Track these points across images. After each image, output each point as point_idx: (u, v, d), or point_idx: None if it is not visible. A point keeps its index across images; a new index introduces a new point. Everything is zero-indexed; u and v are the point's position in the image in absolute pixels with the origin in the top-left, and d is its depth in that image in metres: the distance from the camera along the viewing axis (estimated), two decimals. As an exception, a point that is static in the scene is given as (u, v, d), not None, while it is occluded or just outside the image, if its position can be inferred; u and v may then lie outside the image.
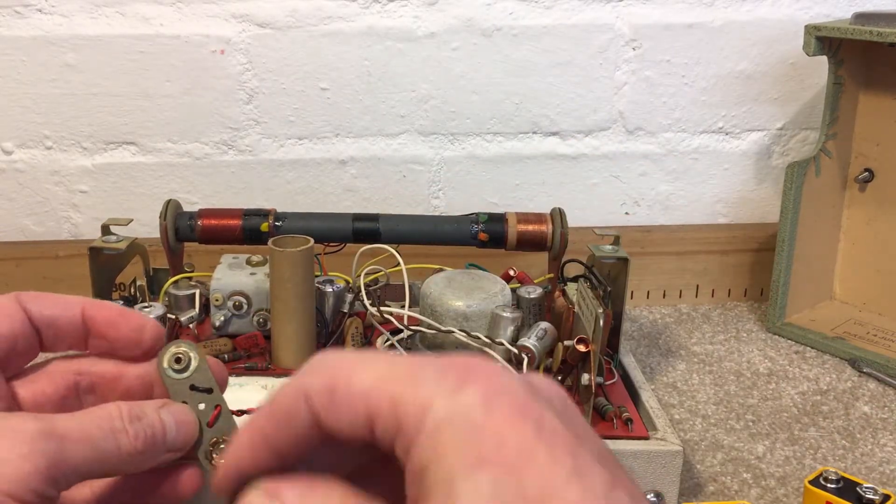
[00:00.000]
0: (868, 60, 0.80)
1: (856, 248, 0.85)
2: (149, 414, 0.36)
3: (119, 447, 0.35)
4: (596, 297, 0.58)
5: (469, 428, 0.25)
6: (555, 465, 0.25)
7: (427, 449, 0.26)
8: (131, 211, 0.84)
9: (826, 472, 0.51)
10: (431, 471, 0.25)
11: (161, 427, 0.36)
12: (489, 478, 0.24)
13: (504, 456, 0.25)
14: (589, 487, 0.25)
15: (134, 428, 0.35)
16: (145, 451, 0.36)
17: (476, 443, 0.25)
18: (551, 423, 0.26)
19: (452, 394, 0.26)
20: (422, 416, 0.26)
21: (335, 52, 0.83)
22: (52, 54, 0.80)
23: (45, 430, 0.32)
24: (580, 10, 0.84)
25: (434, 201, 0.89)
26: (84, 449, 0.33)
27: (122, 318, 0.39)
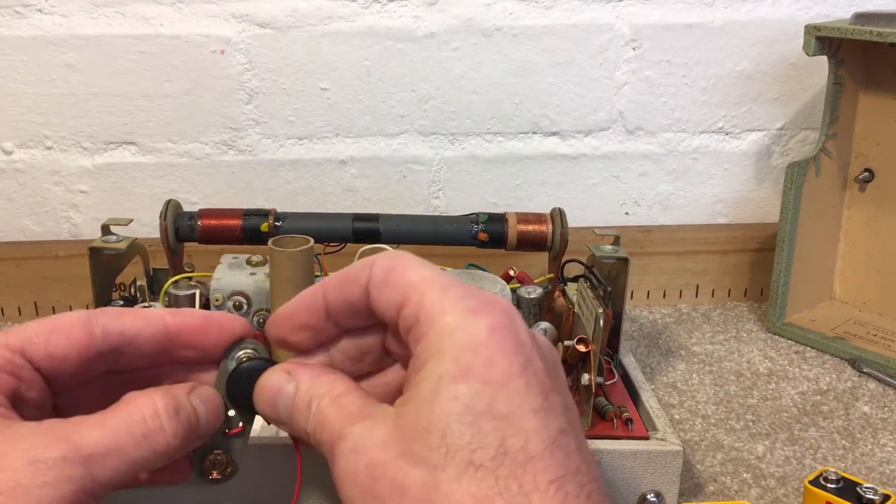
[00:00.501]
0: (868, 60, 0.80)
1: (856, 248, 0.85)
2: (184, 404, 0.35)
3: (154, 451, 0.33)
4: (596, 297, 0.58)
5: (469, 343, 0.30)
6: (527, 396, 0.30)
7: (431, 347, 0.31)
8: (131, 211, 0.84)
9: (826, 472, 0.51)
10: (428, 368, 0.30)
11: (195, 416, 0.35)
12: (470, 389, 0.29)
13: (488, 374, 0.30)
14: (546, 425, 0.30)
15: (173, 425, 0.34)
16: (181, 447, 0.34)
17: (470, 357, 0.30)
18: (536, 366, 0.31)
19: (468, 313, 0.31)
20: (436, 318, 0.31)
21: (335, 52, 0.83)
22: (52, 54, 0.80)
23: (70, 455, 0.31)
24: (580, 10, 0.84)
25: (434, 201, 0.89)
26: (114, 463, 0.32)
27: (208, 323, 0.37)
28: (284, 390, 0.35)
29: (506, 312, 0.32)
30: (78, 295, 0.83)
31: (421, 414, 0.30)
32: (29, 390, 0.34)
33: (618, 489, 0.53)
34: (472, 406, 0.29)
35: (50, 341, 0.34)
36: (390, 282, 0.33)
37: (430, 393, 0.30)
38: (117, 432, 0.32)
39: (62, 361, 0.35)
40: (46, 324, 0.35)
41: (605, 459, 0.53)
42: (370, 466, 0.30)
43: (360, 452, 0.31)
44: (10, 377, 0.33)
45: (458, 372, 0.30)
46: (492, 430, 0.29)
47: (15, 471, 0.29)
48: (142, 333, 0.36)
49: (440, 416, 0.29)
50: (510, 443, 0.29)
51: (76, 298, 0.83)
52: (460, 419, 0.29)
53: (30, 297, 0.84)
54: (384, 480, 0.30)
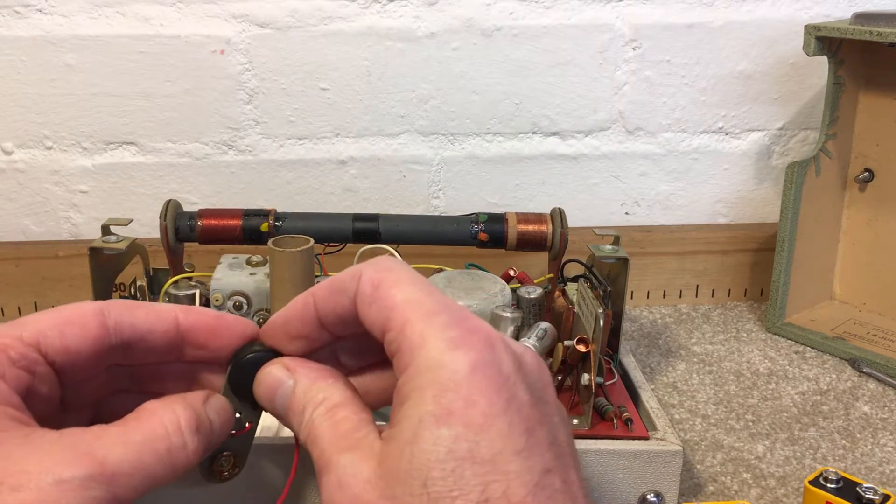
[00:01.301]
0: (868, 60, 0.80)
1: (856, 248, 0.85)
2: (204, 420, 0.34)
3: (175, 467, 0.32)
4: (596, 297, 0.58)
5: (450, 381, 0.30)
6: (510, 437, 0.29)
7: (412, 381, 0.30)
8: (131, 211, 0.84)
9: (826, 472, 0.51)
10: (409, 405, 0.30)
11: (211, 429, 0.34)
12: (451, 433, 0.29)
13: (470, 416, 0.29)
14: (530, 467, 0.29)
15: (194, 442, 0.33)
16: (197, 462, 0.34)
17: (451, 397, 0.29)
18: (521, 400, 0.31)
19: (449, 346, 0.30)
20: (417, 351, 0.31)
21: (335, 52, 0.83)
22: (52, 54, 0.80)
23: (95, 473, 0.29)
24: (580, 10, 0.84)
25: (434, 201, 0.89)
26: (136, 481, 0.31)
27: (220, 323, 0.37)
28: (283, 386, 0.35)
29: (488, 343, 0.31)
30: (78, 295, 0.83)
31: (402, 457, 0.29)
32: (42, 386, 0.33)
33: (618, 489, 0.53)
34: (454, 451, 0.29)
35: (65, 334, 0.33)
36: (376, 300, 0.32)
37: (412, 434, 0.30)
38: (141, 448, 0.31)
39: (76, 355, 0.34)
40: (60, 315, 0.34)
41: (605, 459, 0.53)
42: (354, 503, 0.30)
43: (345, 489, 0.31)
44: (25, 373, 0.32)
45: (440, 413, 0.29)
46: (473, 475, 0.29)
47: (40, 492, 0.28)
48: (154, 329, 0.36)
49: (421, 462, 0.29)
50: (492, 488, 0.29)
51: (76, 298, 0.83)
52: (442, 466, 0.29)
53: (30, 297, 0.84)
54: None
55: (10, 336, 0.33)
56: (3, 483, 0.28)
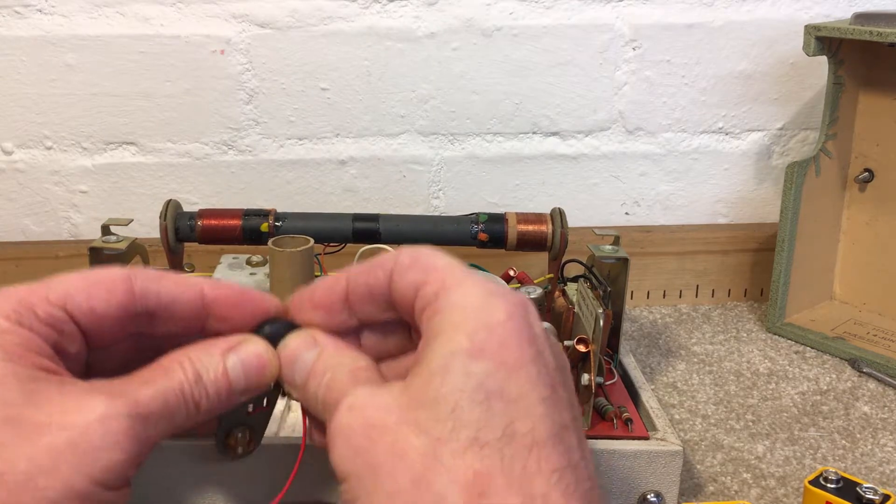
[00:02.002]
0: (868, 60, 0.80)
1: (856, 248, 0.85)
2: (210, 370, 0.34)
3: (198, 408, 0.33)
4: (596, 297, 0.58)
5: (486, 322, 0.31)
6: (537, 384, 0.30)
7: (446, 320, 0.31)
8: (131, 211, 0.84)
9: (826, 472, 0.51)
10: (441, 341, 0.31)
11: (225, 380, 0.34)
12: (483, 368, 0.30)
13: (502, 356, 0.30)
14: (552, 416, 0.30)
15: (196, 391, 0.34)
16: (212, 409, 0.34)
17: (485, 335, 0.30)
18: (547, 359, 0.31)
19: (488, 294, 0.32)
20: (455, 293, 0.32)
21: (335, 52, 0.83)
22: (52, 54, 0.80)
23: (132, 412, 0.31)
24: (580, 10, 0.84)
25: (434, 201, 0.89)
26: (164, 424, 0.32)
27: (244, 298, 0.37)
28: (306, 354, 0.35)
29: (523, 303, 0.32)
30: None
31: (430, 385, 0.30)
32: (69, 345, 0.34)
33: (618, 489, 0.53)
34: (485, 385, 0.29)
35: (92, 296, 0.34)
36: (414, 265, 0.34)
37: (442, 366, 0.30)
38: (165, 393, 0.32)
39: (102, 318, 0.34)
40: (88, 277, 0.34)
41: (605, 459, 0.53)
42: (368, 427, 0.30)
43: (359, 410, 0.31)
44: (51, 330, 0.33)
45: (473, 349, 0.30)
46: (501, 411, 0.29)
47: (87, 427, 0.29)
48: (179, 299, 0.36)
49: (451, 390, 0.29)
50: (518, 426, 0.29)
51: (76, 298, 0.83)
52: (472, 396, 0.29)
53: (30, 297, 0.84)
54: (382, 444, 0.30)
55: (37, 295, 0.33)
56: (51, 423, 0.29)
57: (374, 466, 0.29)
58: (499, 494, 0.28)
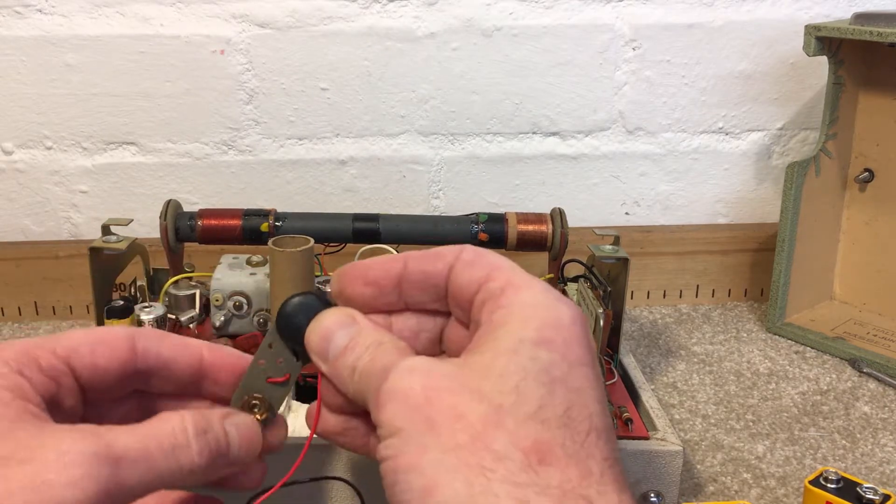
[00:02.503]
0: (868, 60, 0.80)
1: (856, 248, 0.85)
2: (214, 426, 0.34)
3: (180, 465, 0.33)
4: (596, 297, 0.58)
5: (553, 321, 0.32)
6: (594, 386, 0.32)
7: (514, 313, 0.32)
8: (131, 211, 0.84)
9: (826, 472, 0.51)
10: (508, 328, 0.32)
11: (225, 441, 0.35)
12: (550, 357, 0.31)
13: (566, 352, 0.32)
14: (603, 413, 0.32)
15: (199, 443, 0.33)
16: (208, 467, 0.34)
17: (552, 332, 0.32)
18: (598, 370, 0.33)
19: (555, 299, 0.33)
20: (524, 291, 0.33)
21: (335, 52, 0.83)
22: (52, 54, 0.80)
23: (101, 452, 0.30)
24: (580, 10, 0.84)
25: (434, 201, 0.89)
26: (141, 470, 0.31)
27: (242, 364, 0.38)
28: (341, 331, 0.35)
29: (584, 316, 0.34)
30: (78, 295, 0.83)
31: (497, 361, 0.31)
32: (66, 398, 0.34)
33: (618, 489, 0.53)
34: (549, 370, 0.31)
35: (96, 352, 0.35)
36: (479, 261, 0.35)
37: (510, 347, 0.31)
38: (147, 439, 0.32)
39: (103, 374, 0.35)
40: (93, 335, 0.35)
41: (605, 459, 0.53)
42: (427, 388, 0.31)
43: (419, 373, 0.31)
44: (51, 381, 0.33)
45: (540, 339, 0.31)
46: (563, 396, 0.30)
47: (44, 465, 0.29)
48: (179, 360, 0.37)
49: (517, 369, 0.30)
50: (576, 412, 0.30)
51: (76, 298, 0.83)
52: (536, 377, 0.30)
53: (30, 297, 0.84)
54: (440, 404, 0.30)
55: (44, 348, 0.34)
56: (13, 458, 0.29)
57: (432, 422, 0.30)
58: (558, 462, 0.29)
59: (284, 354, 0.38)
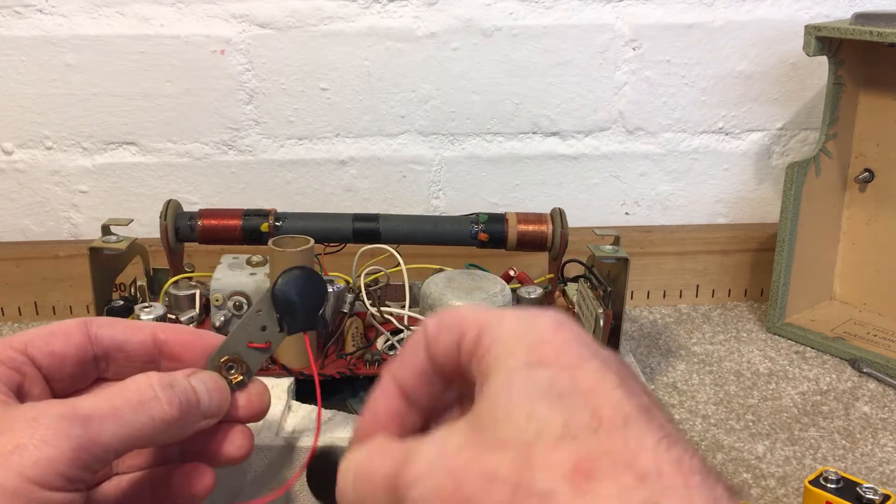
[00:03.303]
0: (868, 60, 0.80)
1: (856, 248, 0.85)
2: (180, 381, 0.36)
3: (152, 417, 0.34)
4: (596, 297, 0.58)
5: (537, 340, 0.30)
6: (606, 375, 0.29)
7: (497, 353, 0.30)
8: (131, 211, 0.84)
9: (826, 472, 0.51)
10: (498, 367, 0.29)
11: (194, 393, 0.36)
12: (549, 372, 0.28)
13: (563, 360, 0.29)
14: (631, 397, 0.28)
15: (167, 395, 0.35)
16: (181, 418, 0.35)
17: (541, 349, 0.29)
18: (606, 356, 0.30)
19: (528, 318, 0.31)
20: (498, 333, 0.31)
21: (335, 52, 0.83)
22: (52, 54, 0.80)
23: (67, 413, 0.32)
24: (580, 10, 0.84)
25: (434, 201, 0.89)
26: (113, 426, 0.33)
27: (197, 339, 0.40)
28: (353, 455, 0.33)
29: (561, 316, 0.32)
30: (78, 295, 0.83)
31: (498, 403, 0.28)
32: (32, 387, 0.36)
33: (618, 489, 0.53)
34: (555, 385, 0.28)
35: (51, 341, 0.37)
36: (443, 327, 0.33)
37: (505, 384, 0.29)
38: (113, 399, 0.34)
39: (61, 360, 0.37)
40: (48, 328, 0.38)
41: (605, 459, 0.53)
42: (452, 471, 0.28)
43: (439, 463, 0.29)
44: (14, 372, 0.35)
45: (532, 361, 0.29)
46: (581, 402, 0.27)
47: (14, 433, 0.31)
48: (131, 340, 0.39)
49: (521, 399, 0.28)
50: (602, 412, 0.27)
51: (76, 298, 0.83)
52: (545, 397, 0.27)
53: (30, 297, 0.84)
54: (470, 479, 0.27)
55: (1, 344, 0.36)
56: None
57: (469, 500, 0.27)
58: (607, 474, 0.26)
59: (269, 323, 0.39)
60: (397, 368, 0.34)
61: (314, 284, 0.39)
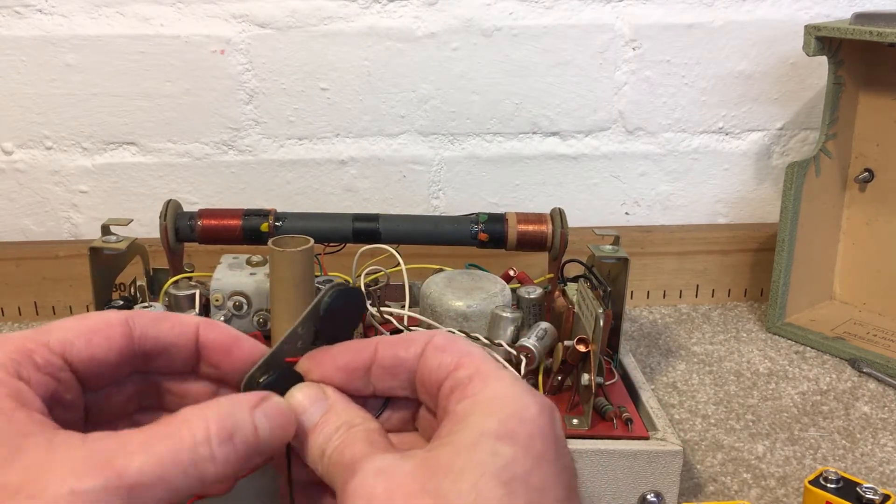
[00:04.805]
0: (868, 60, 0.80)
1: (856, 248, 0.85)
2: (243, 426, 0.32)
3: (202, 479, 0.30)
4: (596, 297, 0.58)
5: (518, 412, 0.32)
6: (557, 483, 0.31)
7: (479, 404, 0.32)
8: (131, 211, 0.84)
9: (826, 472, 0.51)
10: (471, 420, 0.31)
11: (255, 437, 0.32)
12: (511, 452, 0.30)
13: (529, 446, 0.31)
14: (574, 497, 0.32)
15: (224, 451, 0.31)
16: (235, 472, 0.32)
17: (516, 424, 0.31)
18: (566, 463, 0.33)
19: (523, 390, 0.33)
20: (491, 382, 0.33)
21: (335, 52, 0.83)
22: (52, 54, 0.80)
23: (112, 485, 0.28)
24: (580, 10, 0.84)
25: (434, 201, 0.89)
26: (157, 493, 0.29)
27: (235, 345, 0.37)
28: (313, 407, 0.35)
29: (552, 406, 0.33)
30: (78, 295, 0.83)
31: (458, 457, 0.30)
32: (66, 392, 0.33)
33: (618, 489, 0.53)
34: (510, 467, 0.30)
35: (92, 343, 0.34)
36: (449, 348, 0.35)
37: (471, 442, 0.30)
38: (164, 458, 0.29)
39: (100, 365, 0.34)
40: (86, 323, 0.34)
41: (605, 459, 0.53)
42: (390, 490, 0.30)
43: (385, 475, 0.31)
44: (50, 379, 0.32)
45: (504, 433, 0.31)
46: (523, 495, 0.30)
47: (55, 502, 0.27)
48: (177, 343, 0.36)
49: (477, 466, 0.30)
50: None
51: (76, 298, 0.83)
52: (497, 475, 0.30)
53: (30, 297, 0.84)
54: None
55: (37, 342, 0.33)
56: (21, 491, 0.28)
57: None
58: None
59: (305, 337, 0.37)
60: (385, 346, 0.36)
61: (358, 302, 0.38)
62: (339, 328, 0.38)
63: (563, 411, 0.57)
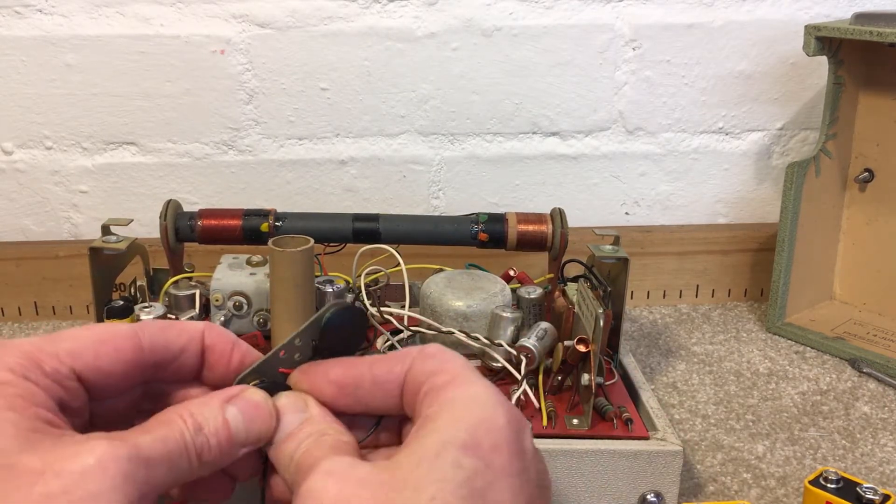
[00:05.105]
0: (868, 60, 0.80)
1: (856, 248, 0.85)
2: (210, 421, 0.34)
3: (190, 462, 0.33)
4: (596, 297, 0.58)
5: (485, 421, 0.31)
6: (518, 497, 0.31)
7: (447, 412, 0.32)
8: (131, 211, 0.84)
9: (826, 472, 0.51)
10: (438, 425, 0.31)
11: (226, 431, 0.34)
12: (473, 465, 0.30)
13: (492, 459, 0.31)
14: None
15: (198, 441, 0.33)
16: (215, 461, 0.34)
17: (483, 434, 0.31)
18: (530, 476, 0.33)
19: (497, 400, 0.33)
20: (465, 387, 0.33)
21: (335, 52, 0.83)
22: (52, 54, 0.80)
23: (133, 455, 0.30)
24: (580, 10, 0.84)
25: (434, 201, 0.89)
26: (164, 470, 0.31)
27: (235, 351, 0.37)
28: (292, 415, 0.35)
29: (522, 418, 0.33)
30: (78, 295, 0.83)
31: (417, 469, 0.30)
32: (72, 401, 0.34)
33: (618, 489, 0.53)
34: (471, 481, 0.30)
35: (100, 354, 0.34)
36: (435, 356, 0.35)
37: (434, 452, 0.30)
38: (167, 439, 0.32)
39: (107, 376, 0.34)
40: (96, 335, 0.35)
41: (605, 459, 0.53)
42: (339, 496, 0.30)
43: (335, 478, 0.31)
44: (57, 386, 0.33)
45: (468, 443, 0.30)
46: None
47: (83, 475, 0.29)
48: (186, 349, 0.37)
49: (436, 478, 0.29)
50: None
51: (76, 298, 0.83)
52: (455, 490, 0.29)
53: (30, 297, 0.84)
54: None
55: (46, 352, 0.33)
56: (46, 471, 0.29)
57: None
58: None
59: (303, 351, 0.38)
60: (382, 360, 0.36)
61: (359, 322, 0.38)
62: (339, 346, 0.38)
63: (563, 411, 0.57)
